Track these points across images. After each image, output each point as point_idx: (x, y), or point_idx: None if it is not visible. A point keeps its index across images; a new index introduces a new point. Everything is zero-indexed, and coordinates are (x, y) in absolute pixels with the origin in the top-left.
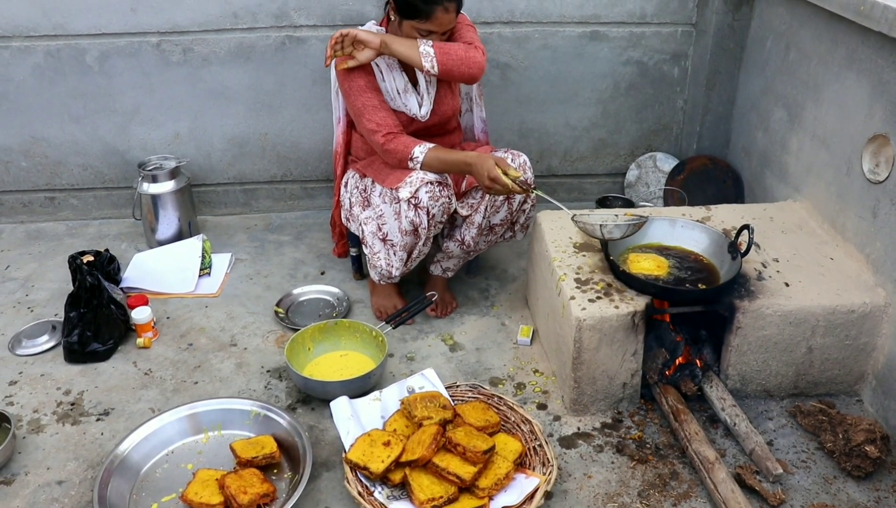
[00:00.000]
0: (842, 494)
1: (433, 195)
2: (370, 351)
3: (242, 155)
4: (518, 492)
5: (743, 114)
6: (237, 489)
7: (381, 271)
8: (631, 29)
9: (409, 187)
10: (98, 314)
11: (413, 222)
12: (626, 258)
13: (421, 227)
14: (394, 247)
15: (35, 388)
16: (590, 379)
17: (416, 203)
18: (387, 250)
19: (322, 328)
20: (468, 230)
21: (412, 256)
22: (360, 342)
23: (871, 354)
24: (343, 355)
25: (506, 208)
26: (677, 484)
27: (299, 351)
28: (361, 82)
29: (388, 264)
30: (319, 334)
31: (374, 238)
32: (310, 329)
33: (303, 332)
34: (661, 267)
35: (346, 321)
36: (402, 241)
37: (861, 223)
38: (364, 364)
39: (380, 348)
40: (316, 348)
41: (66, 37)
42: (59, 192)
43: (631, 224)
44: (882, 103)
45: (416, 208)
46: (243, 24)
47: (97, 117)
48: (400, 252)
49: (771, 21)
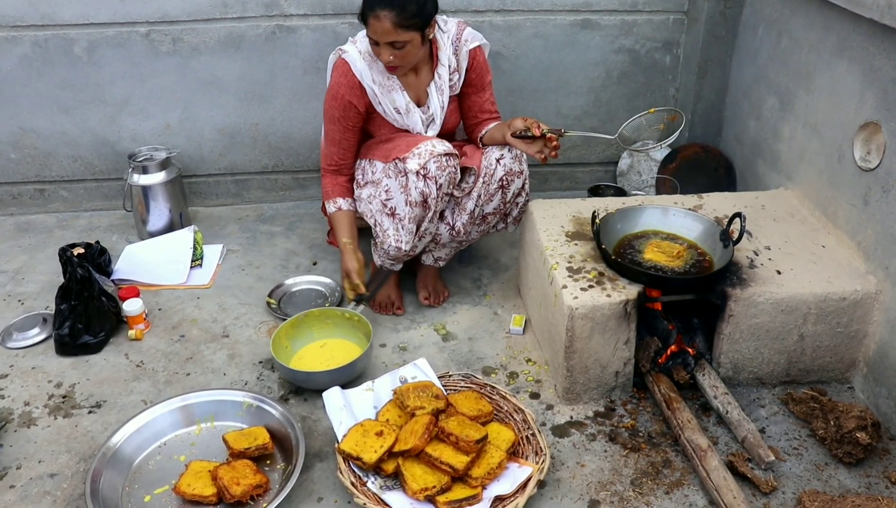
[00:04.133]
0: (833, 480)
1: (441, 165)
2: (350, 334)
3: (233, 145)
4: (511, 481)
5: (735, 102)
6: (230, 480)
7: (389, 248)
8: (623, 17)
9: (419, 159)
10: (89, 306)
11: (423, 193)
12: (645, 245)
13: (430, 198)
14: (402, 220)
15: (26, 381)
16: (582, 368)
17: (426, 173)
18: (395, 225)
19: (294, 323)
20: (460, 216)
21: (419, 231)
22: (336, 328)
23: (863, 341)
24: (322, 345)
25: (499, 197)
26: (670, 472)
27: (278, 352)
28: (336, 114)
29: (398, 239)
30: (293, 329)
31: (381, 214)
32: (283, 327)
33: (277, 332)
34: (680, 256)
35: (314, 310)
36: (412, 213)
37: (852, 210)
38: (346, 349)
39: (358, 328)
40: (293, 344)
41: (54, 27)
42: (48, 184)
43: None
44: (873, 91)
45: (426, 179)
46: (233, 13)
47: (86, 108)
48: (409, 225)
49: (762, 9)
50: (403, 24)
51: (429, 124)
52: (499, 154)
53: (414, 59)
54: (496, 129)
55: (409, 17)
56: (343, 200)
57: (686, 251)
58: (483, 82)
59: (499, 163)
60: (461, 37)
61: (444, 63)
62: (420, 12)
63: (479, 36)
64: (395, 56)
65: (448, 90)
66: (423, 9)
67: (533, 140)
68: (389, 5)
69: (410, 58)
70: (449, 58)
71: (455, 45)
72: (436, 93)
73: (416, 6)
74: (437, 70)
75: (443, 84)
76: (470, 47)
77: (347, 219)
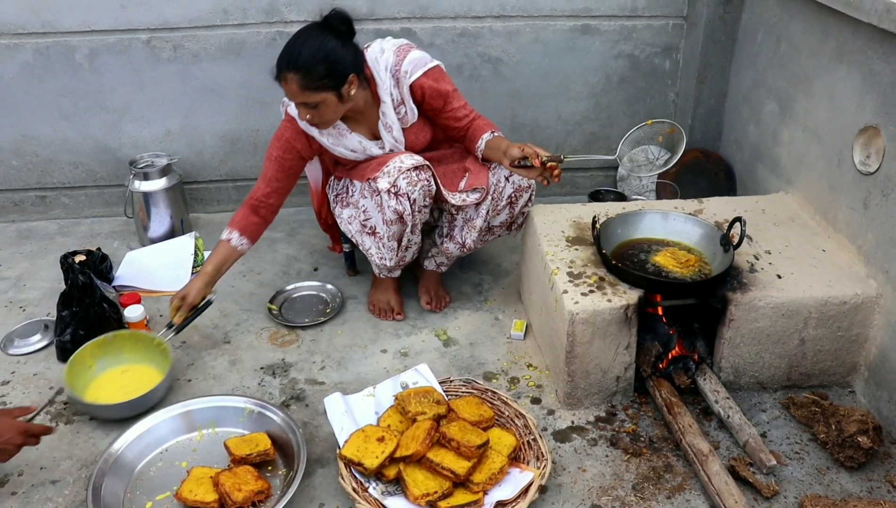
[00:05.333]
0: (835, 485)
1: (410, 180)
2: (155, 361)
3: (234, 152)
4: (512, 486)
5: (734, 106)
6: (231, 486)
7: (377, 265)
8: (622, 22)
9: (388, 177)
10: (90, 313)
11: (397, 211)
12: (657, 251)
13: (406, 214)
14: (382, 239)
15: (28, 388)
16: (583, 373)
17: (396, 191)
18: (377, 243)
19: (102, 342)
20: (469, 234)
21: (402, 245)
22: (144, 353)
23: (864, 345)
24: (124, 370)
25: (507, 211)
26: (671, 477)
27: (80, 370)
28: (274, 153)
29: (381, 257)
30: (100, 349)
31: (362, 234)
32: (89, 345)
33: (82, 349)
34: (689, 265)
35: (125, 332)
36: (389, 231)
37: (852, 214)
38: (148, 376)
39: (164, 356)
40: (98, 363)
41: (56, 34)
42: (50, 191)
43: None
44: (872, 95)
45: (398, 196)
46: (234, 19)
47: (88, 115)
48: (389, 242)
49: (762, 13)
50: (311, 87)
51: (391, 151)
52: (507, 172)
53: (333, 116)
54: (493, 150)
55: (316, 80)
56: (238, 235)
57: (697, 263)
58: (443, 103)
59: (508, 181)
60: (400, 68)
61: (385, 100)
62: (330, 73)
63: (422, 62)
64: (311, 115)
65: (399, 123)
66: (334, 70)
67: (533, 167)
68: (294, 69)
69: (328, 116)
70: (391, 92)
71: (395, 76)
72: (385, 132)
73: (325, 67)
74: (381, 109)
75: (389, 121)
76: (410, 82)
77: (225, 254)
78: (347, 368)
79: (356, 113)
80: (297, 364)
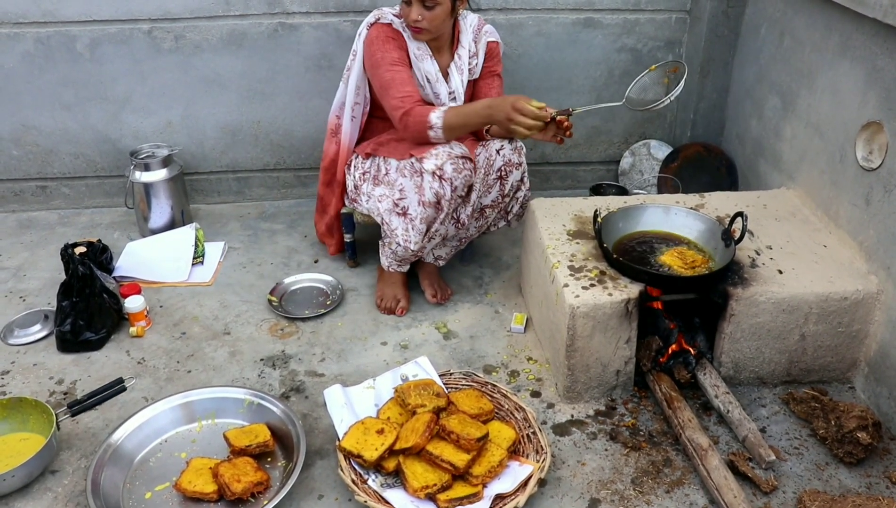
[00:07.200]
0: (834, 480)
1: (457, 168)
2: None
3: (235, 143)
4: (512, 479)
5: (737, 101)
6: (231, 477)
7: (396, 249)
8: (625, 16)
9: (435, 160)
10: (90, 303)
11: (437, 194)
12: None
13: (444, 199)
14: (413, 220)
15: (27, 378)
16: (583, 367)
17: (441, 175)
18: (405, 224)
19: (6, 403)
20: (464, 208)
21: (430, 230)
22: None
23: (864, 341)
24: (24, 438)
25: (497, 188)
26: (671, 471)
27: None
28: (395, 55)
29: (406, 239)
30: (3, 410)
31: (391, 214)
32: None
33: None
34: (694, 265)
35: (31, 399)
36: (424, 214)
37: (854, 210)
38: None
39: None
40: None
41: (56, 23)
42: (50, 181)
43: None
44: (876, 90)
45: (441, 180)
46: (235, 10)
47: (88, 105)
48: (419, 225)
49: (765, 8)
50: None
51: (451, 101)
52: (499, 144)
53: (440, 25)
54: None
55: None
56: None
57: (704, 264)
58: (495, 72)
59: (498, 154)
60: (481, 28)
61: (464, 45)
62: None
63: (496, 33)
64: (423, 16)
65: (467, 72)
66: None
67: (545, 126)
68: None
69: (437, 22)
70: (469, 42)
71: (475, 34)
72: (456, 73)
73: None
74: (457, 51)
75: (462, 65)
76: (489, 39)
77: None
78: (347, 360)
79: (441, 43)
80: (297, 355)
